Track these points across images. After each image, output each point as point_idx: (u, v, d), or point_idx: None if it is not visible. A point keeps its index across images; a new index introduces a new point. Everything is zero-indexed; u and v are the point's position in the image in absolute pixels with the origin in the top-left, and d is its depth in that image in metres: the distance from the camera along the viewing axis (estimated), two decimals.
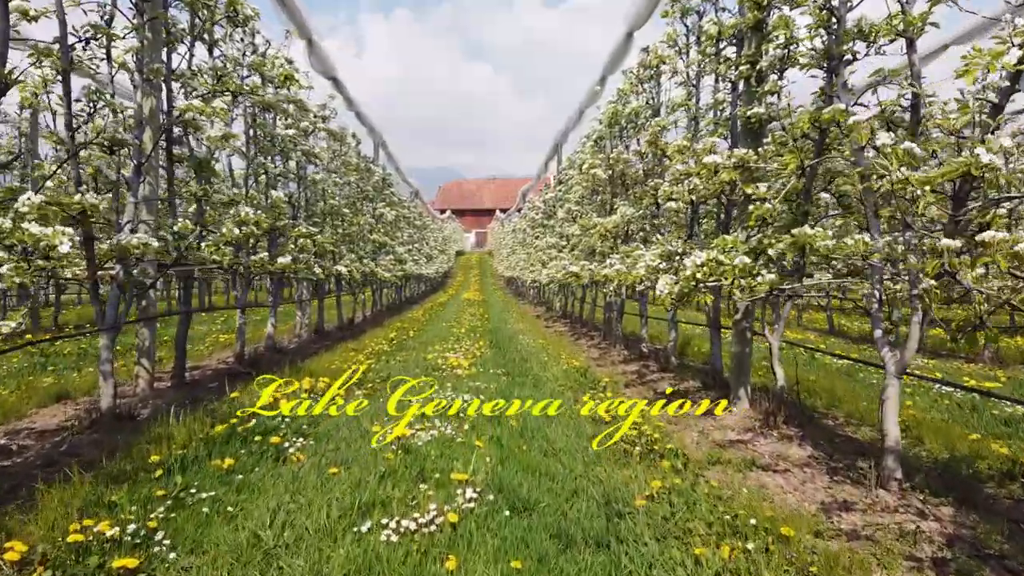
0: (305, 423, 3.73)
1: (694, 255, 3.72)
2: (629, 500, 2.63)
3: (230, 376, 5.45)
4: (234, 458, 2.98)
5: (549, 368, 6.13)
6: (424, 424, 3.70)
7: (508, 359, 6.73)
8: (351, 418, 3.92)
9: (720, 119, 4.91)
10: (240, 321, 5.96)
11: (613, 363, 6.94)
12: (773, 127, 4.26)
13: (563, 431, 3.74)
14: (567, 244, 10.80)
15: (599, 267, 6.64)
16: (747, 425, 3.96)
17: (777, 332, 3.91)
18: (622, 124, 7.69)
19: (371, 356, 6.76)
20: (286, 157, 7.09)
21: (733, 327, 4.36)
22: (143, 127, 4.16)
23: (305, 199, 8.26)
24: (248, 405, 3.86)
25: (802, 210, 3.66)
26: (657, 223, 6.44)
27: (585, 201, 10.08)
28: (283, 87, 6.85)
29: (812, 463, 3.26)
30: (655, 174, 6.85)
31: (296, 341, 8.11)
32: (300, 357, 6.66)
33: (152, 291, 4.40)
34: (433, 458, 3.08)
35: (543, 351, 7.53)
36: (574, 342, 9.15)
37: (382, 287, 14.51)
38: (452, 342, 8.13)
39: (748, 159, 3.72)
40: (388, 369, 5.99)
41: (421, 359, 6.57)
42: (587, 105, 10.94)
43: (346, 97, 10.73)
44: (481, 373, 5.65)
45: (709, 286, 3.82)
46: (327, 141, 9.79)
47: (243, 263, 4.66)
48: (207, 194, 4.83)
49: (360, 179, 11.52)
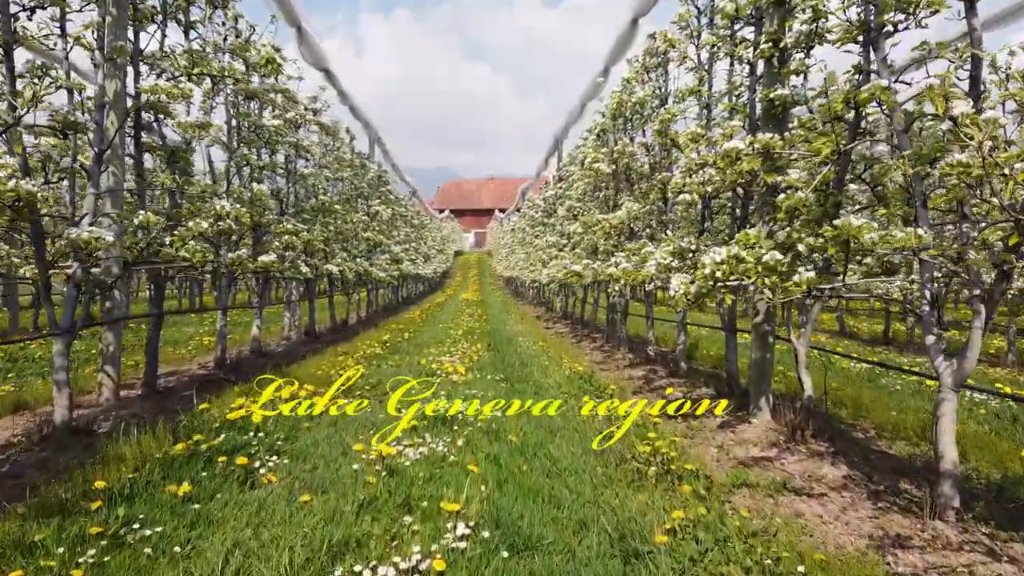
0: (281, 438, 3.35)
1: (712, 252, 3.34)
2: (647, 534, 2.26)
3: (208, 383, 5.07)
4: (194, 482, 2.60)
5: (551, 373, 5.75)
6: (413, 440, 3.32)
7: (507, 363, 6.36)
8: (332, 433, 3.54)
9: (737, 105, 4.54)
10: (221, 324, 5.58)
11: (618, 367, 6.57)
12: (796, 112, 3.90)
13: (568, 447, 3.37)
14: (568, 243, 10.43)
15: (603, 266, 6.27)
16: (771, 439, 3.59)
17: (804, 337, 3.54)
18: (627, 115, 7.32)
19: (362, 360, 6.38)
20: (272, 150, 6.71)
21: (752, 331, 3.98)
22: (105, 110, 3.78)
23: (295, 195, 7.88)
24: (218, 417, 3.48)
25: (834, 201, 3.28)
26: (665, 219, 6.07)
27: (587, 198, 9.71)
28: (268, 75, 6.47)
29: (850, 485, 2.89)
30: (662, 167, 6.47)
31: (284, 344, 7.73)
32: (286, 361, 6.28)
33: (117, 291, 4.02)
34: (421, 482, 2.70)
35: (544, 354, 7.15)
36: (576, 344, 8.77)
37: (378, 287, 14.13)
38: (449, 345, 7.75)
39: (773, 145, 3.34)
40: (379, 374, 5.61)
41: (415, 363, 6.19)
42: (589, 98, 10.57)
43: (339, 90, 10.34)
44: (478, 379, 5.28)
45: (729, 285, 3.45)
46: (319, 135, 9.42)
47: (220, 261, 4.27)
48: (181, 186, 4.44)
49: (354, 175, 11.14)
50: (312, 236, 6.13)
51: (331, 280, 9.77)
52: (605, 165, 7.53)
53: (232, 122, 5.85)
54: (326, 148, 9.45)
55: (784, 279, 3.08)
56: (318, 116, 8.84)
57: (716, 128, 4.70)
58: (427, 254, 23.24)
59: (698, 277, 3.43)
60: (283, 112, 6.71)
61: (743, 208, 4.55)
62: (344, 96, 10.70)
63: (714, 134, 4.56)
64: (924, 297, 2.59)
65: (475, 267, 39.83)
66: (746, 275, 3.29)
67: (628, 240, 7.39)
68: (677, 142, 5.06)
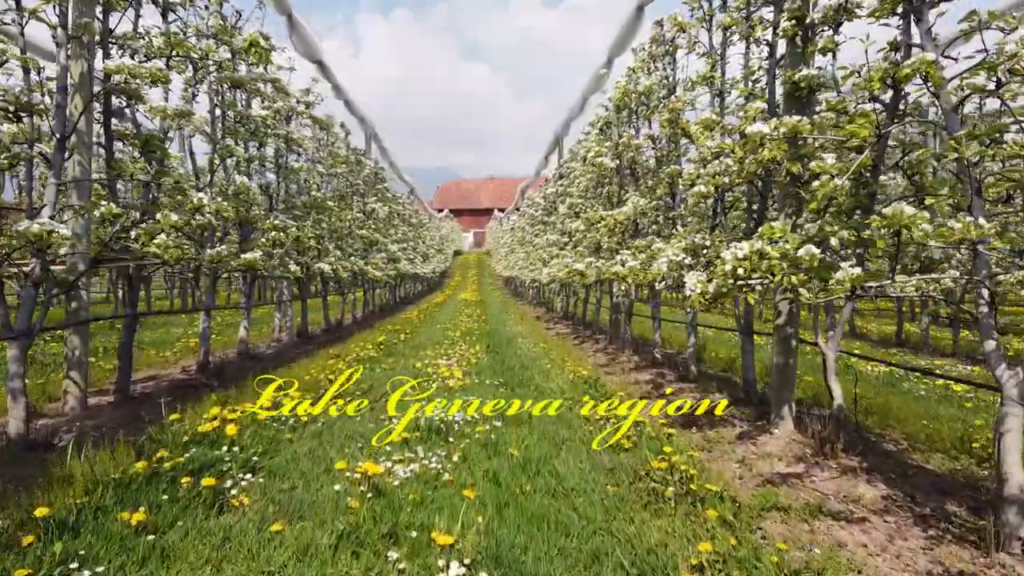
0: (258, 452, 3.03)
1: (733, 247, 3.03)
2: (671, 572, 1.95)
3: (187, 389, 4.75)
4: (152, 508, 2.29)
5: (553, 377, 5.44)
6: (403, 455, 3.01)
7: (507, 366, 6.05)
8: (316, 446, 3.23)
9: (754, 90, 4.22)
10: (204, 325, 5.27)
11: (623, 371, 6.26)
12: (822, 96, 3.59)
13: (575, 462, 3.05)
14: (569, 241, 10.12)
15: (607, 264, 5.96)
16: (796, 452, 3.28)
17: (833, 340, 3.23)
18: (631, 107, 7.00)
19: (355, 363, 6.06)
20: (261, 142, 6.39)
21: (774, 334, 3.67)
22: (69, 93, 3.46)
23: (285, 190, 7.56)
24: (190, 429, 3.16)
25: (869, 191, 2.97)
26: (674, 215, 5.75)
27: (589, 194, 9.39)
28: (256, 63, 6.15)
29: (892, 508, 2.58)
30: (670, 160, 6.17)
31: (275, 346, 7.41)
32: (274, 365, 5.96)
33: (83, 291, 3.70)
34: (411, 506, 2.39)
35: (545, 357, 6.84)
36: (578, 346, 8.46)
37: (374, 287, 13.81)
38: (446, 346, 7.44)
39: (801, 129, 3.03)
40: (372, 379, 5.30)
41: (410, 367, 5.88)
42: (591, 92, 10.25)
43: (334, 84, 10.03)
44: (476, 384, 4.96)
45: (751, 284, 3.14)
46: (312, 129, 9.11)
47: (197, 258, 3.95)
48: (155, 177, 4.12)
49: (349, 172, 10.82)
50: (302, 233, 5.82)
51: (324, 280, 9.46)
52: (609, 159, 7.23)
53: (216, 112, 5.53)
54: (319, 143, 9.13)
55: (814, 276, 2.77)
56: (311, 109, 8.53)
57: (730, 116, 4.40)
58: (425, 253, 22.92)
59: (717, 275, 3.13)
60: (272, 102, 6.39)
61: (761, 201, 4.24)
62: (338, 90, 10.38)
63: (730, 122, 4.25)
64: (981, 296, 2.28)
65: (474, 267, 39.52)
66: (770, 272, 2.99)
67: (632, 238, 7.09)
68: (688, 131, 4.75)
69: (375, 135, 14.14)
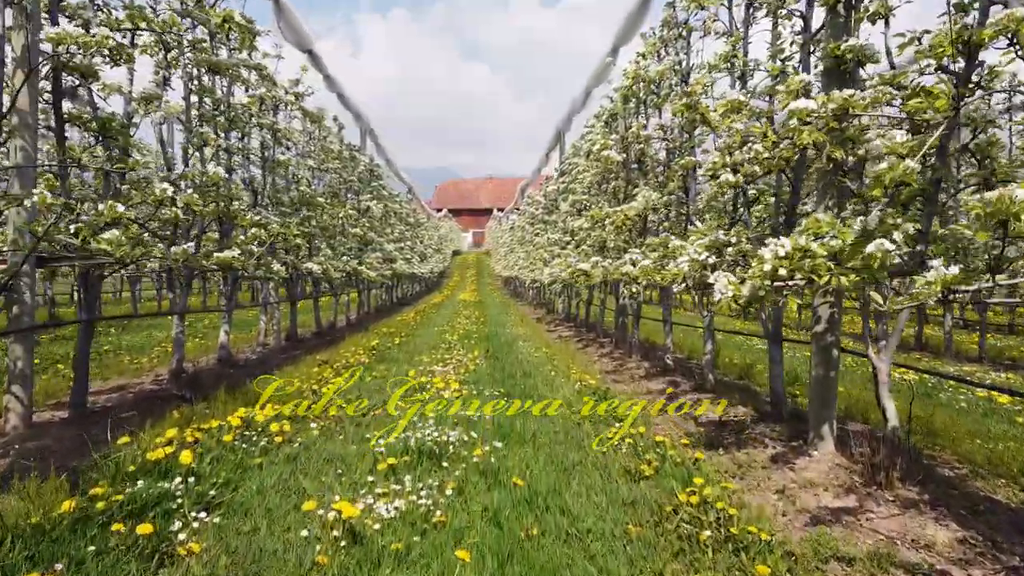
0: (218, 483, 2.59)
1: (774, 244, 2.60)
2: None
3: (155, 401, 4.31)
4: (73, 565, 1.84)
5: (558, 387, 5.00)
6: (387, 486, 2.56)
7: (507, 373, 5.61)
8: (288, 474, 2.79)
9: (785, 68, 3.79)
10: (176, 330, 4.83)
11: (633, 378, 5.82)
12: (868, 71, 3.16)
13: (590, 494, 2.61)
14: (572, 240, 9.68)
15: (615, 264, 5.53)
16: (842, 480, 2.84)
17: (887, 351, 2.79)
18: (640, 96, 6.57)
19: (344, 370, 5.62)
20: (243, 133, 5.95)
21: (813, 342, 3.23)
22: (7, 67, 3.01)
23: (272, 185, 7.11)
24: (141, 454, 2.72)
25: (934, 176, 2.54)
26: (689, 210, 5.32)
27: (593, 190, 8.96)
28: (238, 47, 5.71)
29: (973, 555, 2.14)
30: (683, 151, 5.73)
31: (260, 351, 6.96)
32: (256, 372, 5.52)
33: (27, 293, 3.25)
34: (392, 561, 1.95)
35: (548, 362, 6.40)
36: (582, 350, 8.02)
37: (369, 288, 13.37)
38: (443, 351, 7.00)
39: (853, 104, 2.59)
40: (359, 389, 4.85)
41: (404, 373, 5.43)
42: (595, 84, 9.81)
43: (325, 75, 9.57)
44: (474, 395, 4.52)
45: (792, 286, 2.70)
46: (303, 122, 8.67)
47: (161, 257, 3.51)
48: (116, 164, 3.68)
49: (343, 168, 10.38)
50: (285, 229, 5.37)
51: (315, 280, 9.01)
52: (615, 152, 6.79)
53: (192, 98, 5.09)
54: (310, 136, 8.69)
55: (876, 277, 2.34)
56: (300, 101, 8.09)
57: (755, 101, 3.96)
58: (423, 253, 22.47)
59: (754, 275, 2.69)
60: (255, 89, 5.95)
61: (792, 194, 3.80)
62: (331, 81, 9.93)
63: (757, 105, 3.82)
64: None
65: (473, 267, 39.08)
66: (813, 273, 2.57)
67: (641, 236, 6.66)
68: (707, 118, 4.31)
69: (371, 131, 13.70)
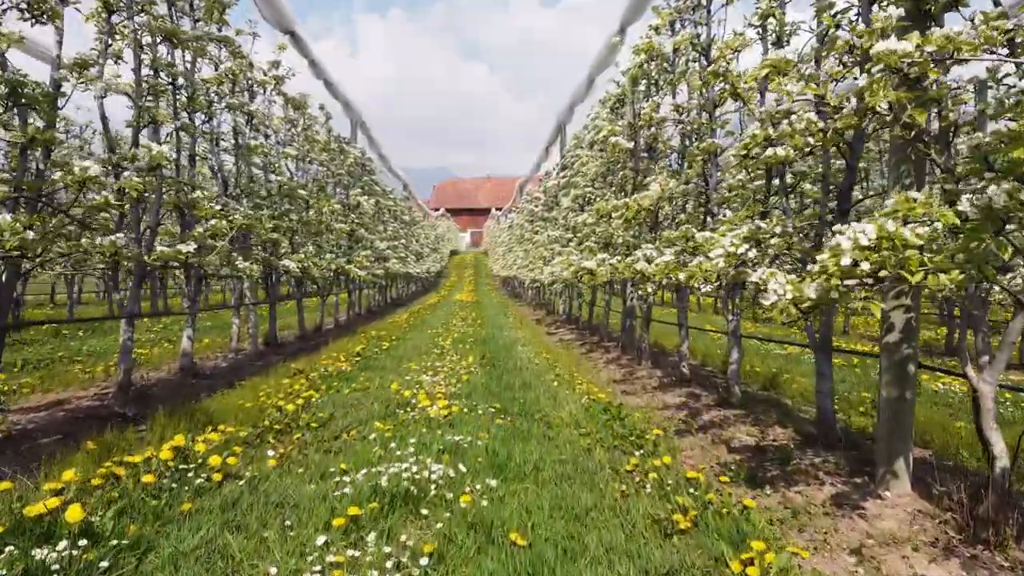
0: (118, 551, 1.95)
1: (854, 230, 1.98)
2: None
3: (91, 421, 3.67)
4: None
5: (562, 401, 4.37)
6: (340, 553, 1.93)
7: (505, 384, 4.98)
8: (217, 529, 2.15)
9: (839, 21, 3.15)
10: (124, 337, 4.19)
11: (645, 388, 5.19)
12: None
13: (613, 559, 1.98)
14: (574, 237, 9.06)
15: (625, 261, 4.90)
16: (931, 534, 2.21)
17: (993, 369, 2.16)
18: (651, 76, 5.94)
19: (320, 381, 4.99)
20: (208, 114, 5.31)
21: (883, 355, 2.61)
22: None
23: (247, 174, 6.48)
24: (19, 509, 2.07)
25: None
26: (709, 200, 4.69)
27: (598, 183, 8.34)
28: (206, 18, 5.08)
29: None
30: (703, 134, 5.11)
31: (232, 358, 6.31)
32: (220, 384, 4.88)
33: None
34: None
35: (550, 370, 5.78)
36: (586, 356, 7.39)
37: (360, 288, 12.73)
38: (434, 358, 6.37)
39: (960, 43, 1.97)
40: (335, 403, 4.22)
41: (387, 385, 4.79)
42: (599, 71, 9.18)
43: (311, 60, 8.94)
44: (467, 414, 3.89)
45: (872, 284, 2.08)
46: (285, 109, 8.04)
47: (78, 251, 2.87)
48: (33, 141, 3.04)
49: (331, 160, 9.75)
50: (254, 222, 4.72)
51: (298, 280, 8.38)
52: (624, 139, 6.17)
53: (145, 71, 4.44)
54: (292, 124, 8.05)
55: (974, 273, 1.73)
56: (280, 85, 7.45)
57: (802, 64, 3.33)
58: (419, 252, 21.82)
59: (824, 272, 2.07)
60: (224, 66, 5.32)
61: (848, 172, 3.15)
62: (316, 67, 9.29)
63: (809, 69, 3.19)
64: None
65: (471, 267, 38.44)
66: (900, 267, 1.96)
67: (651, 231, 6.04)
68: (737, 88, 3.69)
69: (362, 123, 13.06)
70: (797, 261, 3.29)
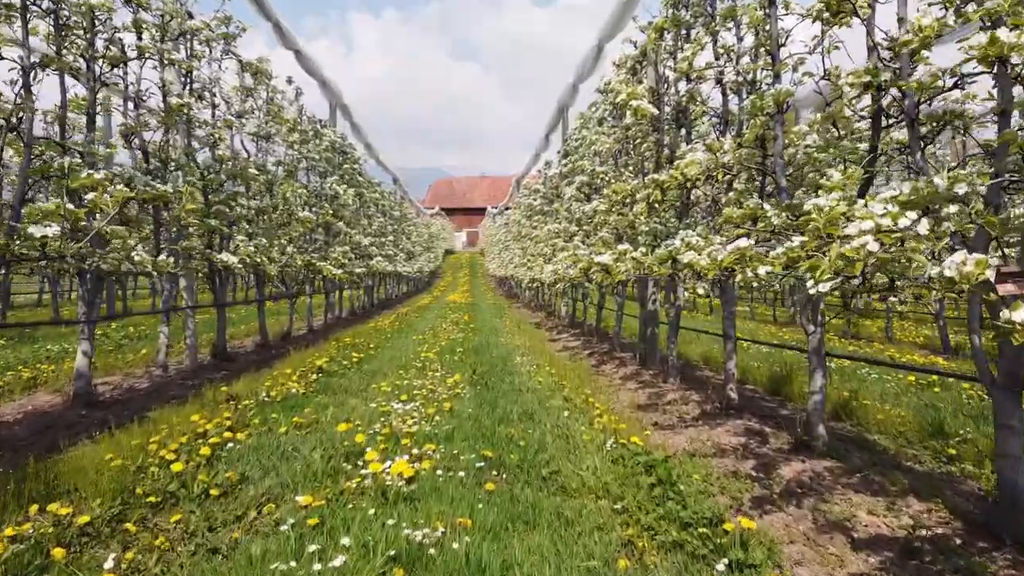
0: None
1: None
2: None
3: None
4: None
5: (578, 444, 3.14)
6: None
7: (499, 415, 3.75)
8: None
9: None
10: None
11: (683, 420, 3.97)
12: None
13: None
14: (579, 230, 7.84)
15: (657, 253, 3.66)
16: None
17: None
18: (685, 20, 4.71)
19: (253, 413, 3.74)
20: (112, 62, 4.06)
21: None
22: None
23: (186, 145, 5.23)
24: None
25: None
26: (773, 170, 3.45)
27: (608, 164, 7.12)
28: None
29: None
30: (760, 87, 3.90)
31: (159, 377, 5.05)
32: (113, 420, 3.62)
33: None
34: None
35: (557, 393, 4.55)
36: (597, 369, 6.17)
37: (340, 288, 11.47)
38: (413, 374, 5.14)
39: None
40: (253, 456, 2.96)
41: (339, 419, 3.55)
42: (610, 36, 7.95)
43: (275, 23, 7.68)
44: (442, 477, 2.64)
45: None
46: (241, 78, 6.79)
47: None
48: None
49: (302, 141, 8.50)
50: (158, 193, 3.46)
51: (259, 278, 7.13)
52: (648, 101, 4.94)
53: None
54: (248, 93, 6.80)
55: None
56: (231, 44, 6.20)
57: None
58: (411, 251, 20.56)
59: None
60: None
61: (1002, 116, 1.94)
62: (283, 34, 8.02)
63: None
64: None
65: (466, 267, 37.21)
66: None
67: (680, 217, 4.84)
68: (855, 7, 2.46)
69: (343, 106, 11.81)
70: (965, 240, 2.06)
